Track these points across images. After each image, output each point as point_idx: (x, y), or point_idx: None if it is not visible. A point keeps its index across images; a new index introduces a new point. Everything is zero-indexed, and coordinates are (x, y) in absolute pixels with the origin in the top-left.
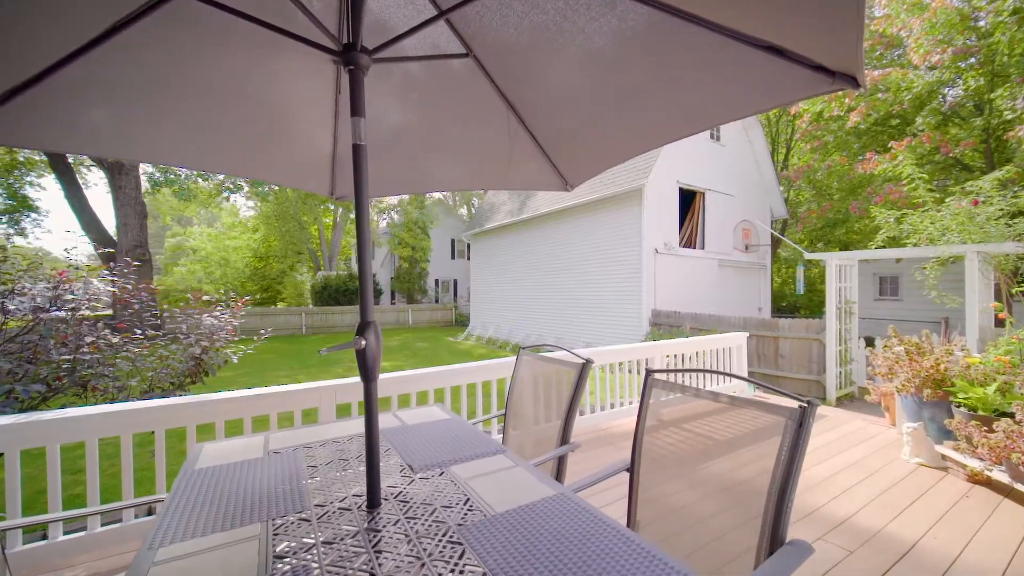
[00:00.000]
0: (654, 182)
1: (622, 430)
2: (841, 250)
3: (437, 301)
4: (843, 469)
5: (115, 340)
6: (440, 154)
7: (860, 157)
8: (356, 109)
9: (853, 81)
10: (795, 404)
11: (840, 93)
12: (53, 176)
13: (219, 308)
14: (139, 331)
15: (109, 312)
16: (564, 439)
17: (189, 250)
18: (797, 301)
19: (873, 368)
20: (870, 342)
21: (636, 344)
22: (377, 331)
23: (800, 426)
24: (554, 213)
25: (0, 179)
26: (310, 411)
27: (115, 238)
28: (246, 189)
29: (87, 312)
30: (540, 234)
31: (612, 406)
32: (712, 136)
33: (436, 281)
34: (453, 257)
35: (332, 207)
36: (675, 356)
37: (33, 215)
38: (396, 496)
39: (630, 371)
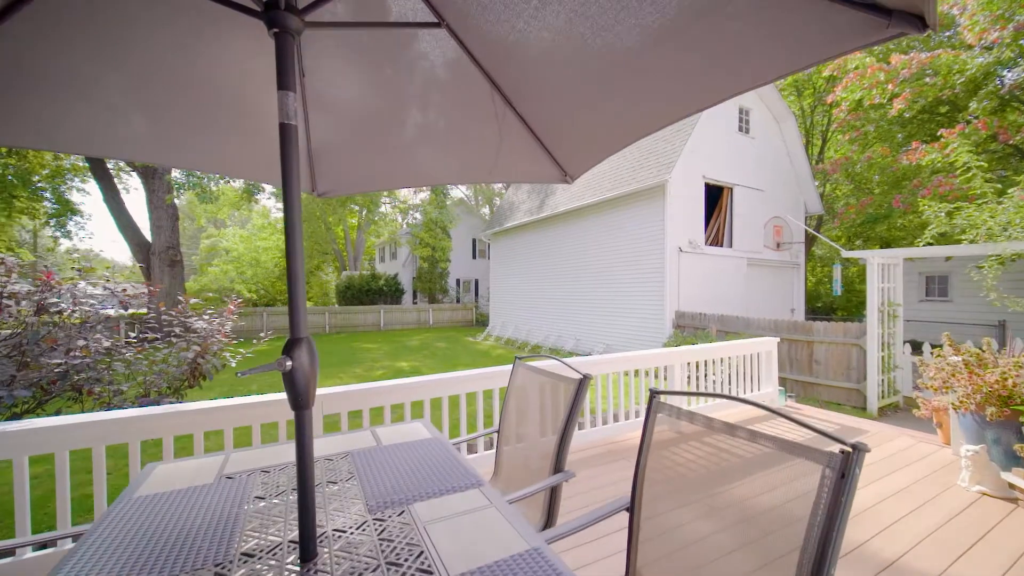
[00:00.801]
0: (678, 177)
1: (636, 444)
2: (883, 248)
3: (458, 301)
4: (890, 496)
5: (107, 344)
6: (423, 144)
7: (905, 148)
8: (284, 81)
9: (919, 21)
10: (835, 443)
11: (882, 78)
12: (94, 181)
13: (209, 312)
14: (134, 335)
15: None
16: (557, 466)
17: (222, 251)
18: (834, 302)
19: (923, 379)
20: (917, 347)
21: (653, 350)
22: (311, 349)
23: (842, 477)
24: (574, 211)
25: (49, 184)
26: (271, 426)
27: (150, 240)
28: (270, 190)
29: (118, 313)
30: (560, 233)
31: (627, 416)
32: (740, 128)
33: (457, 281)
34: (474, 257)
35: (356, 207)
36: (696, 363)
37: (77, 218)
38: (340, 544)
39: (646, 375)
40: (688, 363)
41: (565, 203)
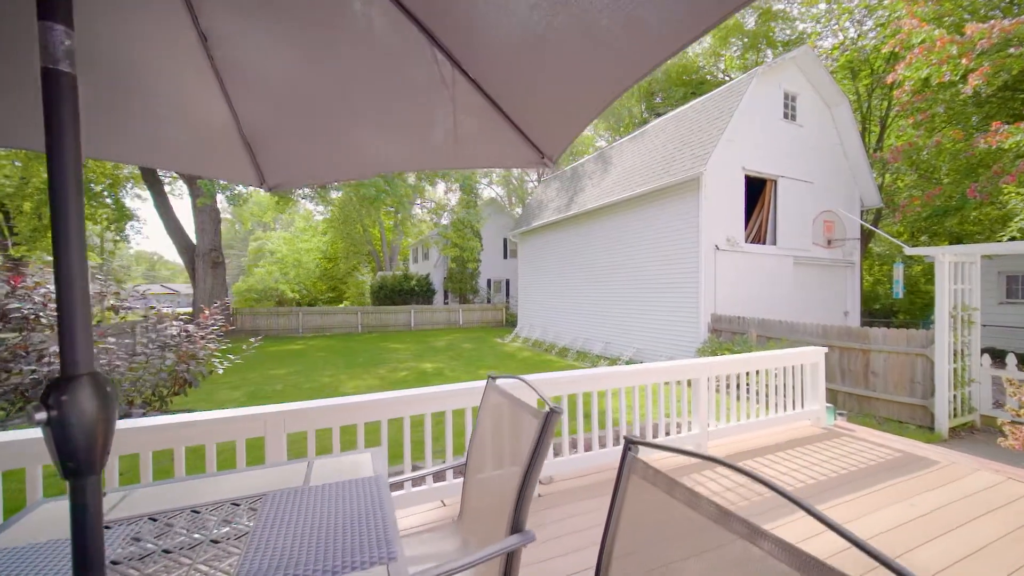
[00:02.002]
0: (714, 169)
1: (656, 466)
2: (953, 243)
3: (489, 301)
4: (971, 555)
5: None
6: (368, 127)
7: (982, 130)
8: (48, 9)
9: None
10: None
11: (954, 52)
12: (147, 188)
13: (182, 317)
14: (112, 338)
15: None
16: (515, 525)
17: (267, 252)
18: (894, 305)
19: (1011, 403)
20: (998, 357)
21: (670, 363)
22: (99, 390)
23: None
24: (603, 208)
25: (109, 192)
26: (255, 441)
27: (194, 242)
28: (303, 192)
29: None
30: (588, 232)
31: (642, 433)
32: (786, 115)
33: (488, 281)
34: (506, 257)
35: (392, 209)
36: (726, 377)
37: (134, 223)
38: None
39: (665, 386)
40: (716, 377)
41: (594, 200)
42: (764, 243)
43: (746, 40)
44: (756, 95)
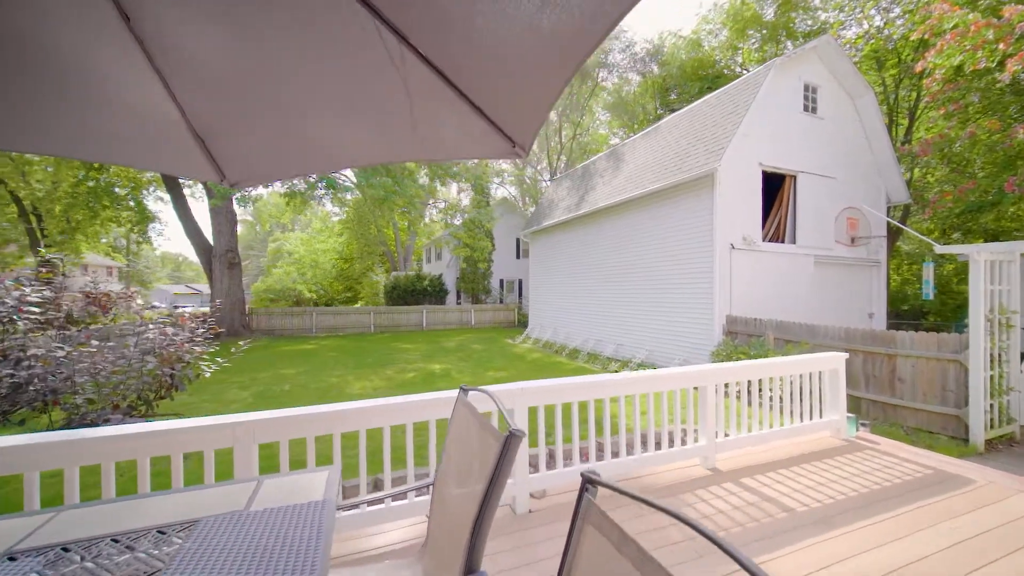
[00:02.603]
0: (729, 165)
1: (658, 482)
2: (989, 241)
3: (501, 301)
4: None
5: (61, 354)
6: (321, 116)
7: (1021, 120)
8: None
9: None
10: None
11: (990, 36)
12: (167, 191)
13: (162, 321)
14: (96, 342)
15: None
16: (469, 565)
17: (285, 253)
18: (924, 306)
19: None
20: None
21: (679, 369)
22: None
23: None
24: (614, 207)
25: (131, 195)
26: (224, 452)
27: (211, 243)
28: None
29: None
30: (599, 231)
31: (643, 444)
32: (806, 108)
33: (501, 281)
34: (518, 256)
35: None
36: (738, 384)
37: (155, 225)
38: None
39: (668, 397)
40: (726, 384)
41: (605, 198)
42: (783, 241)
43: (765, 32)
44: (774, 87)
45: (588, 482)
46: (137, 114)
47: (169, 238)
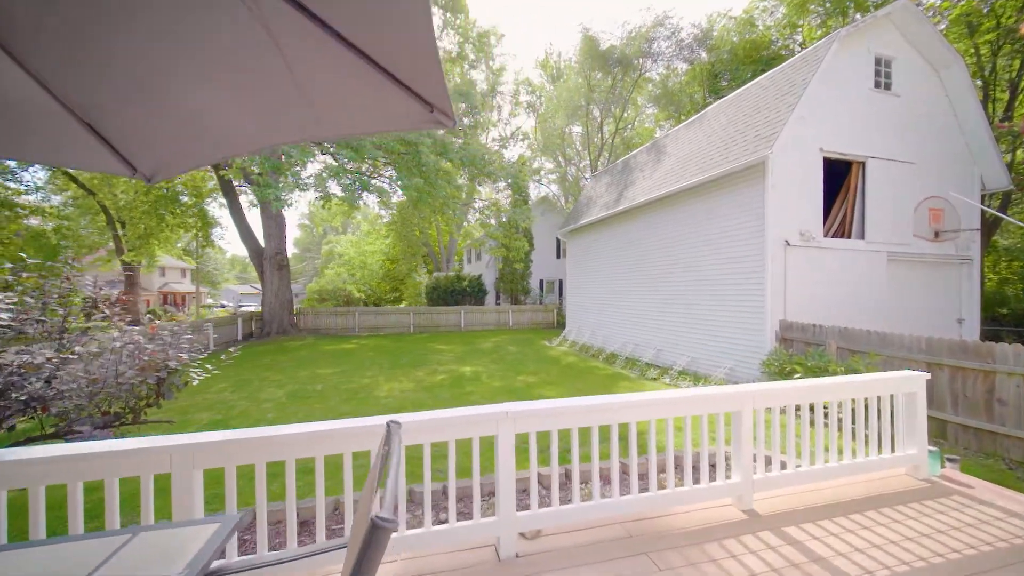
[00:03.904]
0: (784, 152)
1: (679, 525)
2: None
3: (541, 302)
4: None
5: (39, 360)
6: (211, 94)
7: None
8: None
9: None
10: None
11: None
12: (223, 197)
13: (135, 324)
14: (79, 348)
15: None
16: None
17: (337, 255)
18: None
19: None
20: None
21: (706, 389)
22: None
23: None
24: (653, 203)
25: (195, 202)
26: (162, 478)
27: (263, 245)
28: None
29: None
30: (638, 229)
31: (662, 474)
32: (878, 84)
33: (540, 281)
34: (559, 256)
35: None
36: (781, 410)
37: (217, 229)
38: None
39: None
40: (767, 408)
41: (644, 193)
42: (848, 237)
43: (829, 4)
44: (837, 63)
45: None
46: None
47: (229, 242)
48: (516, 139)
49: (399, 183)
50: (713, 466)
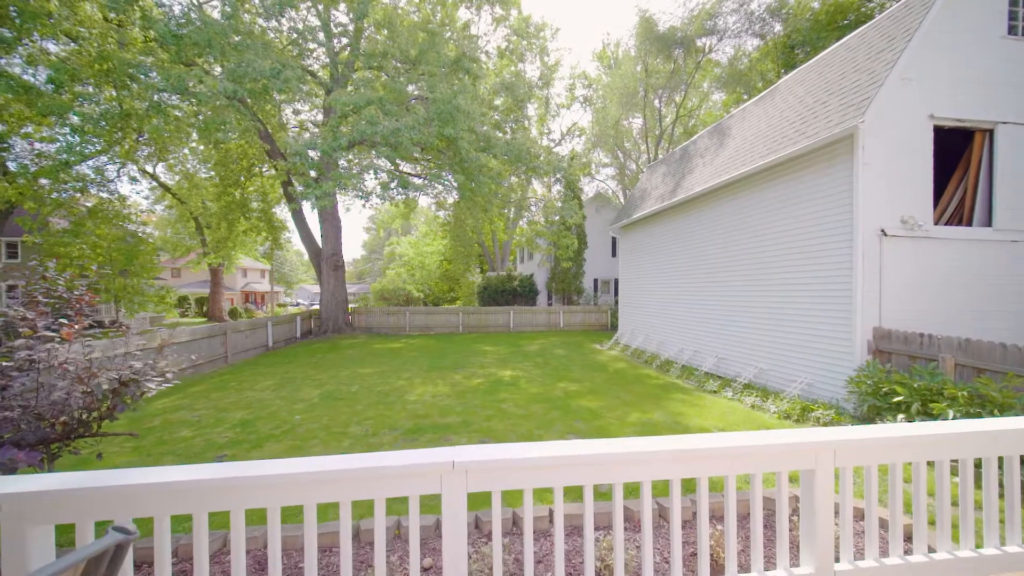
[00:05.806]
0: (879, 121)
1: None
2: None
3: (595, 303)
4: None
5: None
6: None
7: None
8: None
9: None
10: None
11: None
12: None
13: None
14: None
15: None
16: None
17: (397, 256)
18: None
19: None
20: None
21: (755, 435)
22: None
23: None
24: (716, 191)
25: (263, 209)
26: (142, 520)
27: (320, 247)
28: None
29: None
30: (698, 221)
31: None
32: (1012, 29)
33: (595, 281)
34: (614, 255)
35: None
36: (866, 470)
37: (286, 234)
38: None
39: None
40: (844, 468)
41: (703, 181)
42: (968, 224)
43: None
44: (953, 6)
45: None
46: None
47: (297, 245)
48: (572, 135)
49: (440, 181)
50: (774, 550)
